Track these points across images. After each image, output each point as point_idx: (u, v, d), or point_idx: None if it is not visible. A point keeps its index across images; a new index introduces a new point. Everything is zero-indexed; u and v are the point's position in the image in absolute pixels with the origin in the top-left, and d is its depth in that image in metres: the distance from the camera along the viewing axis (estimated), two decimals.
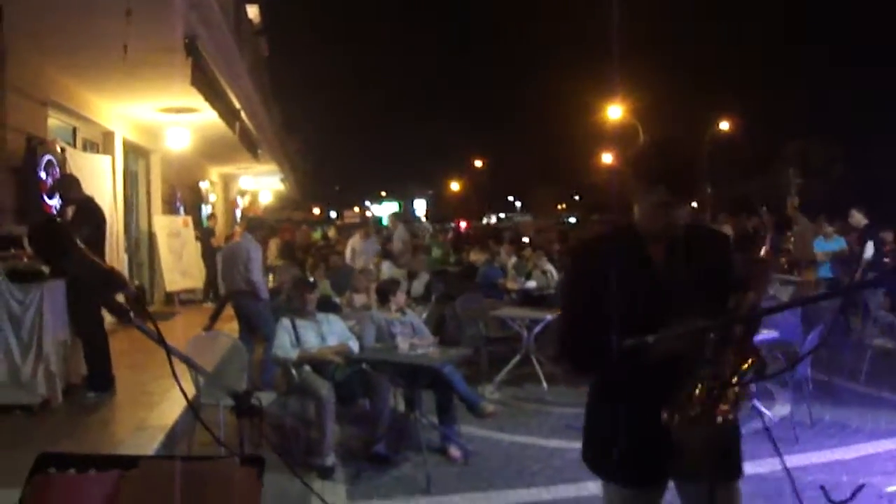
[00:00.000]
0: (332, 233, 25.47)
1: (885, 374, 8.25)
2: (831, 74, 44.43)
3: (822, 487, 2.80)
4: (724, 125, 34.55)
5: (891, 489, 5.18)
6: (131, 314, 1.90)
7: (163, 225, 14.03)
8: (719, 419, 2.23)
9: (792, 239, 14.18)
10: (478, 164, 68.24)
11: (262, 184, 25.65)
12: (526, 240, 19.70)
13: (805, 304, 7.90)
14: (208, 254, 13.98)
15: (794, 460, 5.57)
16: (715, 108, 36.29)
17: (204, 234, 15.07)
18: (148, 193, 14.40)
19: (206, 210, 18.73)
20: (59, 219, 7.19)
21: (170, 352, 1.86)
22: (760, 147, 39.88)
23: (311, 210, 47.79)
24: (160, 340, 1.86)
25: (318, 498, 4.99)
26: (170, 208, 15.25)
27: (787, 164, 29.19)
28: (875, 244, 10.71)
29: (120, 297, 1.98)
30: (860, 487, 2.64)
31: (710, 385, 2.22)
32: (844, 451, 6.12)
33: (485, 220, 62.83)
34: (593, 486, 5.33)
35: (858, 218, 11.42)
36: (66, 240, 1.89)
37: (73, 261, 1.79)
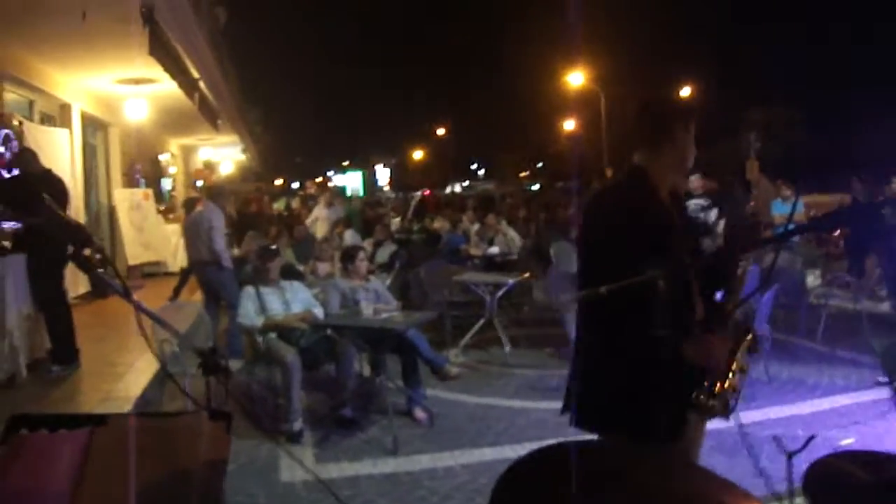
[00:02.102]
0: (295, 203, 25.34)
1: (840, 333, 8.46)
2: (789, 39, 44.79)
3: (776, 438, 2.89)
4: (686, 90, 34.73)
5: (844, 442, 5.37)
6: (99, 270, 1.94)
7: (123, 198, 13.87)
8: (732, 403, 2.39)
9: (752, 203, 14.42)
10: (440, 131, 68.06)
11: (223, 155, 25.40)
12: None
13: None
14: None
15: (752, 415, 5.74)
16: (677, 74, 36.48)
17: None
18: (107, 167, 14.21)
19: (166, 183, 18.55)
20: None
21: (137, 307, 1.90)
22: (722, 113, 40.21)
23: (273, 181, 47.44)
24: (126, 295, 1.90)
25: (286, 460, 5.08)
26: (129, 181, 15.06)
27: (748, 130, 29.47)
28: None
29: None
30: (811, 438, 2.74)
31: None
32: (800, 407, 6.32)
33: (448, 189, 62.71)
34: None
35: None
36: (35, 194, 1.92)
37: (42, 213, 1.83)
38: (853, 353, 7.79)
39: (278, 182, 52.38)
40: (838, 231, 11.49)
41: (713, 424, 2.94)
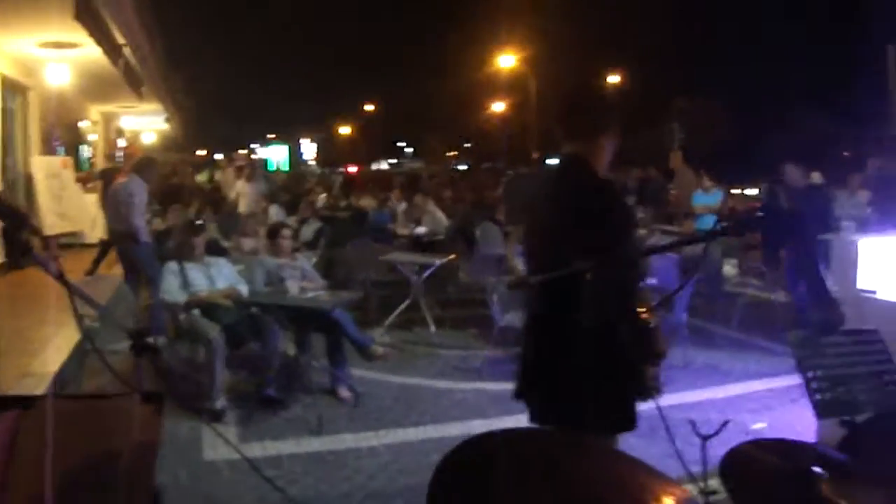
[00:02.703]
0: (218, 176, 24.85)
1: (754, 321, 8.75)
2: (720, 32, 45.73)
3: (692, 422, 2.99)
4: (615, 78, 35.19)
5: (756, 426, 5.59)
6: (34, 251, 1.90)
7: (41, 166, 13.37)
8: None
9: (672, 192, 14.74)
10: (369, 108, 67.51)
11: (146, 124, 24.75)
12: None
13: (676, 246, 8.27)
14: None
15: (667, 399, 5.88)
16: (606, 60, 36.92)
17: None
18: (25, 133, 13.71)
19: (85, 151, 18.00)
20: None
21: (71, 290, 1.87)
22: (649, 102, 40.89)
23: (195, 152, 46.42)
24: (60, 277, 1.87)
25: (209, 439, 5.04)
26: (48, 148, 14.56)
27: (672, 120, 30.06)
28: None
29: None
30: (725, 423, 2.85)
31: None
32: (715, 391, 6.53)
33: (375, 166, 62.41)
34: (479, 424, 5.57)
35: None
36: None
37: None
38: (767, 341, 8.05)
39: (201, 153, 51.25)
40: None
41: None
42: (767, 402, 6.22)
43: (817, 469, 1.52)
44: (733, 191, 12.93)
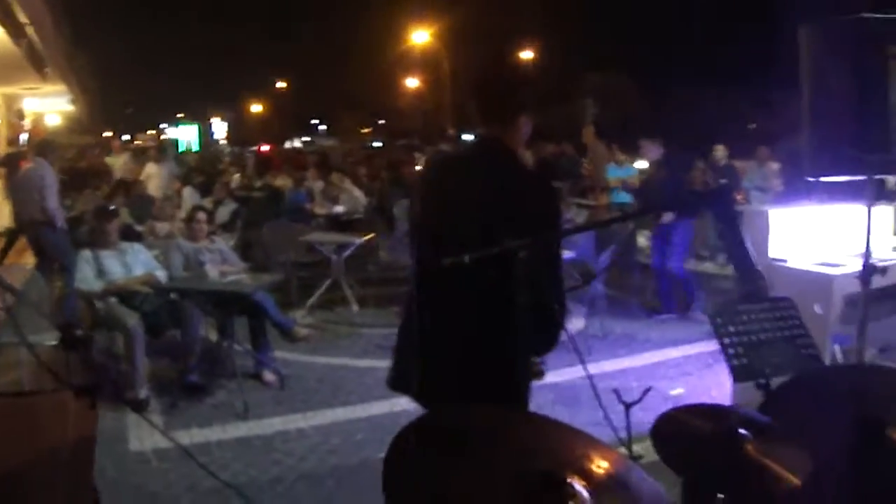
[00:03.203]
0: (111, 159, 24.08)
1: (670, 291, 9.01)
2: (634, 7, 46.43)
3: (615, 391, 3.09)
4: (527, 54, 35.38)
5: (674, 392, 5.80)
6: None
7: None
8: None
9: (587, 166, 14.98)
10: (281, 85, 66.39)
11: (50, 106, 23.81)
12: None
13: (598, 226, 8.47)
14: None
15: (589, 369, 6.06)
16: (519, 36, 37.10)
17: None
18: None
19: None
20: None
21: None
22: (562, 78, 41.29)
23: (101, 133, 44.93)
24: None
25: (134, 429, 4.96)
26: None
27: (585, 95, 30.45)
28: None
29: None
30: (647, 390, 2.96)
31: None
32: (633, 360, 6.74)
33: (288, 144, 61.48)
34: (405, 402, 5.60)
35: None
36: None
37: None
38: (680, 309, 8.33)
39: (108, 134, 49.63)
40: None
41: (553, 378, 3.12)
42: (684, 368, 6.45)
43: (743, 431, 1.61)
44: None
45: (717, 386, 5.78)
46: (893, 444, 1.66)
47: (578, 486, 1.27)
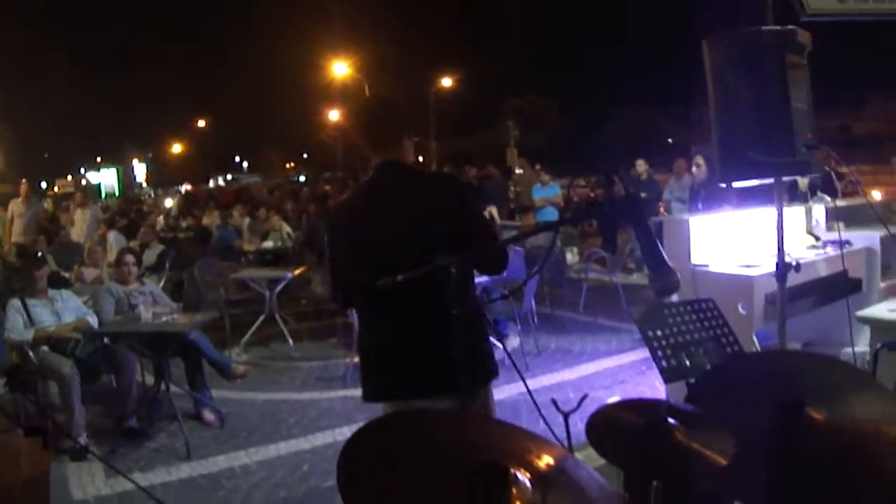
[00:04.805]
0: (48, 205, 23.57)
1: (599, 303, 9.24)
2: (551, 36, 47.34)
3: (553, 400, 3.19)
4: (447, 82, 35.76)
5: (611, 400, 5.93)
6: None
7: None
8: None
9: (512, 188, 15.25)
10: (200, 123, 65.65)
11: None
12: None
13: (523, 238, 8.63)
14: None
15: (528, 384, 6.19)
16: (439, 65, 37.50)
17: None
18: None
19: None
20: None
21: None
22: (483, 103, 41.82)
23: (17, 182, 43.77)
24: None
25: (75, 478, 4.88)
26: None
27: (506, 119, 30.90)
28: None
29: None
30: (584, 397, 3.06)
31: None
32: (570, 372, 6.90)
33: (211, 183, 60.71)
34: (348, 431, 5.63)
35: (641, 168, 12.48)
36: None
37: None
38: (612, 321, 8.55)
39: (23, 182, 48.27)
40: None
41: (497, 396, 3.23)
42: (619, 377, 6.63)
43: (671, 420, 1.72)
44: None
45: (651, 390, 5.96)
46: (813, 422, 1.79)
47: (521, 476, 1.35)
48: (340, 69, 35.59)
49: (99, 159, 63.81)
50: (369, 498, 1.30)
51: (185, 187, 41.66)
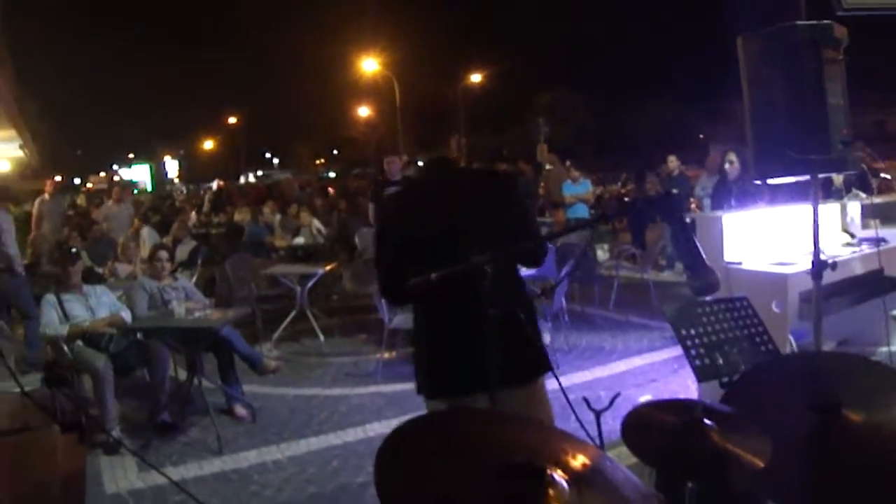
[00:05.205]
0: (80, 200, 23.87)
1: (630, 301, 9.19)
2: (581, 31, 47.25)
3: (585, 399, 3.18)
4: (477, 77, 35.69)
5: (643, 398, 5.91)
6: None
7: None
8: None
9: (542, 184, 15.20)
10: (232, 120, 66.06)
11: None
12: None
13: (556, 236, 8.60)
14: None
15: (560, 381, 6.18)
16: (469, 61, 37.46)
17: None
18: None
19: None
20: None
21: None
22: (513, 99, 41.68)
23: (53, 177, 44.38)
24: None
25: (109, 471, 4.94)
26: None
27: (536, 115, 30.81)
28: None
29: None
30: (616, 395, 3.04)
31: None
32: (601, 371, 6.86)
33: (242, 179, 61.17)
34: (379, 427, 5.67)
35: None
36: None
37: None
38: (643, 319, 8.49)
39: (57, 178, 48.89)
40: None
41: None
42: (651, 375, 6.58)
43: (707, 421, 1.71)
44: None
45: (683, 389, 5.91)
46: (849, 422, 1.76)
47: (557, 476, 1.34)
48: (370, 65, 35.66)
49: (131, 156, 64.53)
50: (405, 496, 1.30)
51: (217, 183, 41.92)
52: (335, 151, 65.33)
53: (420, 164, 3.35)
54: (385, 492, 1.28)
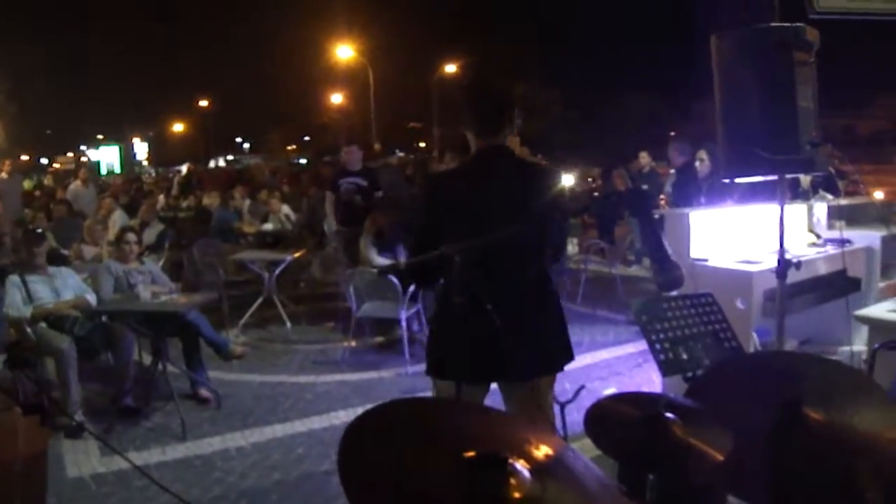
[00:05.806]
0: (47, 181, 23.53)
1: (597, 295, 9.25)
2: (555, 22, 47.26)
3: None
4: (451, 68, 35.62)
5: (607, 391, 5.96)
6: None
7: None
8: None
9: None
10: (203, 103, 65.36)
11: None
12: None
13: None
14: None
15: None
16: (444, 50, 37.37)
17: None
18: None
19: None
20: None
21: None
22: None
23: (19, 157, 43.62)
24: None
25: (70, 455, 4.89)
26: None
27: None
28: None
29: None
30: (581, 388, 3.09)
31: None
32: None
33: (212, 163, 60.55)
34: (344, 415, 5.67)
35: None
36: None
37: None
38: (610, 313, 8.56)
39: (24, 158, 48.10)
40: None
41: (493, 385, 3.23)
42: (616, 369, 6.64)
43: (669, 415, 1.73)
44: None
45: (647, 383, 5.97)
46: (809, 420, 1.80)
47: (520, 466, 1.35)
48: (344, 52, 35.51)
49: (100, 137, 63.66)
50: (368, 482, 1.31)
51: (187, 166, 41.52)
52: (307, 138, 64.91)
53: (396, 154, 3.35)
54: (348, 479, 1.29)
